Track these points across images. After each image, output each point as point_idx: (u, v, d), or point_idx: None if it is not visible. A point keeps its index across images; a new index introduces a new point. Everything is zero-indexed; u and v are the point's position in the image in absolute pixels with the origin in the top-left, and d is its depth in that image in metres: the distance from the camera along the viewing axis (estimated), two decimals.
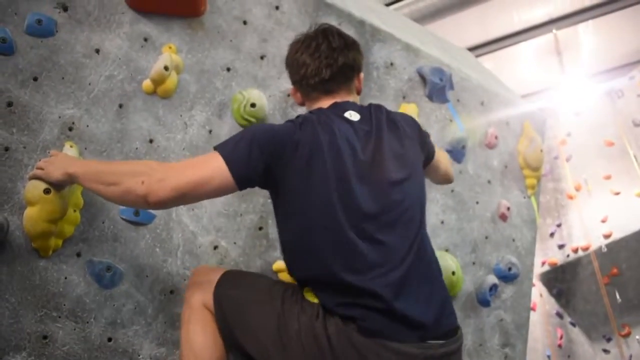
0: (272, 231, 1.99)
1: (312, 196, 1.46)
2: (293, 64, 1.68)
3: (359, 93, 1.75)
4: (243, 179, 1.46)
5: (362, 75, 1.74)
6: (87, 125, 1.72)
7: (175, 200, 1.42)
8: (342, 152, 1.47)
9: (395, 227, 1.48)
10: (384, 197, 1.49)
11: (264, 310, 1.51)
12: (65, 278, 1.62)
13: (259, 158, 1.45)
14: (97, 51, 1.76)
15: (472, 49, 6.08)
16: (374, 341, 1.35)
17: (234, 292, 1.58)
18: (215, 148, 1.49)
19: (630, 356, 4.80)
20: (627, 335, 4.85)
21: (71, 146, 1.67)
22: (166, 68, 1.83)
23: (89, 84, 1.74)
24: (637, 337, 4.79)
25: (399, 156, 1.56)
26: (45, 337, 1.57)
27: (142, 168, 1.46)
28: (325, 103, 1.63)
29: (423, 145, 1.74)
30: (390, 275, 1.41)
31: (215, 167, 1.43)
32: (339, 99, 1.64)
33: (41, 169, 1.56)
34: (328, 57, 1.61)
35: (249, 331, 1.51)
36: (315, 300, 1.48)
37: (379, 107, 1.68)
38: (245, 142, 1.46)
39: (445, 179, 2.05)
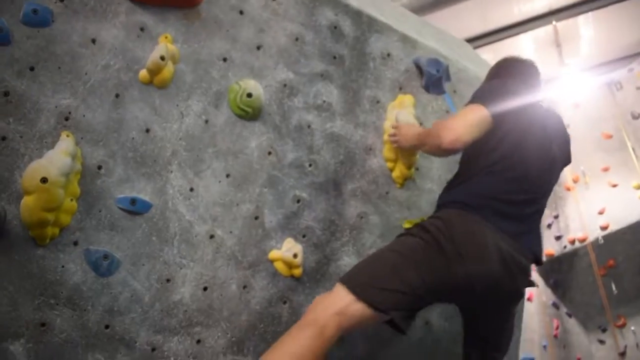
0: (268, 220, 2.00)
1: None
2: (525, 71, 2.25)
3: None
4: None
5: None
6: (84, 115, 1.73)
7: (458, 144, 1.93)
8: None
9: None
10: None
11: (388, 255, 1.85)
12: (63, 266, 1.64)
13: None
14: (94, 41, 1.77)
15: (471, 41, 6.07)
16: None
17: (358, 270, 1.85)
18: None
19: (625, 347, 4.83)
20: (623, 326, 4.88)
21: (67, 136, 1.68)
22: (162, 58, 1.83)
23: (86, 73, 1.75)
24: (632, 328, 4.82)
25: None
26: (43, 325, 1.59)
27: (434, 130, 2.01)
28: None
29: None
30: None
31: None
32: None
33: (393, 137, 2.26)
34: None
35: (395, 272, 1.78)
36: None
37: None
38: None
39: None
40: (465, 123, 1.93)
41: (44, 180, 1.54)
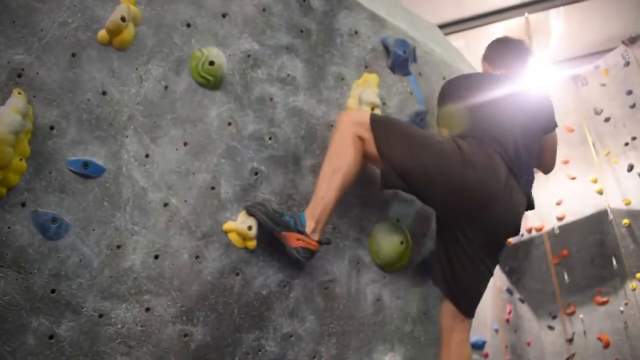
0: (224, 191, 1.98)
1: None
2: (504, 49, 2.74)
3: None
4: None
5: None
6: (37, 73, 1.68)
7: None
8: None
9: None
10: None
11: (414, 135, 2.16)
12: (9, 227, 1.59)
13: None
14: None
15: (443, 26, 6.08)
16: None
17: (388, 127, 2.15)
18: None
19: (573, 334, 4.99)
20: (572, 314, 5.04)
21: (19, 93, 1.62)
22: (123, 19, 1.78)
23: (41, 29, 1.69)
24: (581, 316, 4.98)
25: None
26: None
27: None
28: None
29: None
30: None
31: None
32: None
33: None
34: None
35: (407, 147, 2.09)
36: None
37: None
38: None
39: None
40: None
41: None
